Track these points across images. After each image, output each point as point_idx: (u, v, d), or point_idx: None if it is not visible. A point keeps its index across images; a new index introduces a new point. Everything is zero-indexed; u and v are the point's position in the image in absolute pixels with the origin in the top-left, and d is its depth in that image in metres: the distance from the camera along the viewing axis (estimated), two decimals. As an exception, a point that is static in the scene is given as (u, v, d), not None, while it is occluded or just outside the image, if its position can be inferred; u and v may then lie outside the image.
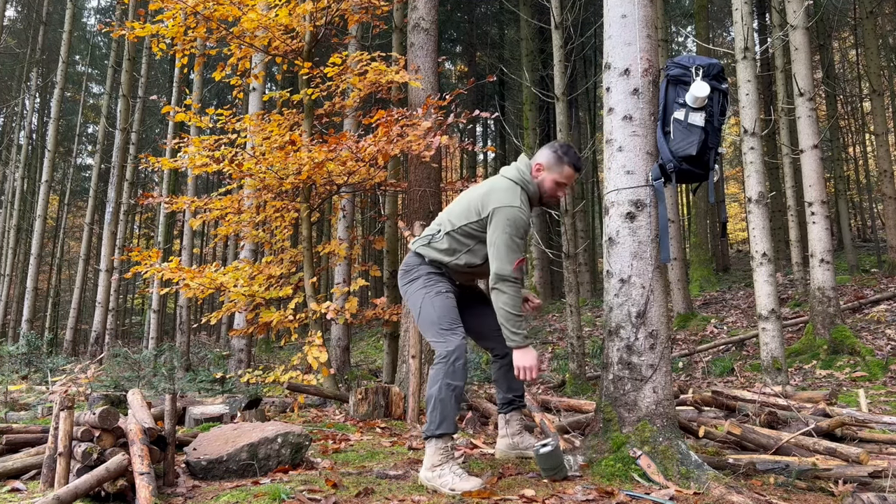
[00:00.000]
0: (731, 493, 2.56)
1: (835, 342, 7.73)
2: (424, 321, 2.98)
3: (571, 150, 3.06)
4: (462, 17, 20.49)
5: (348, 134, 5.99)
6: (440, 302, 2.96)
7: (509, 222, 2.86)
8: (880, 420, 4.20)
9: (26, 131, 19.11)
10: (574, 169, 3.04)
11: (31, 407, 6.13)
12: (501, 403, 3.28)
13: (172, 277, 6.06)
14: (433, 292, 2.99)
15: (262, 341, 17.69)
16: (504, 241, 2.85)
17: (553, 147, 3.06)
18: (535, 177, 3.04)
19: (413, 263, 3.11)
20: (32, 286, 15.70)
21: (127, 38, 7.74)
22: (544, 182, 3.04)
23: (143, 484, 2.47)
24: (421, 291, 3.00)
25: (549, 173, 3.03)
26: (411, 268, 3.10)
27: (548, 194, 3.07)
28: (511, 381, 3.22)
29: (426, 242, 3.08)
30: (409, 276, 3.09)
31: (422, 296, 2.99)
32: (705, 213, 16.28)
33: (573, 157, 3.04)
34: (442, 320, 2.92)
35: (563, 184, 3.08)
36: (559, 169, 3.02)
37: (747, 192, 6.77)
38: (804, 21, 8.34)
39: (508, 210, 2.88)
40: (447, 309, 2.96)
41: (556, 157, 3.02)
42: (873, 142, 15.14)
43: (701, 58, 3.05)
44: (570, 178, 3.07)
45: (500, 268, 2.84)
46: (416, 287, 3.04)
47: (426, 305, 2.97)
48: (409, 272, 3.09)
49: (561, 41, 7.24)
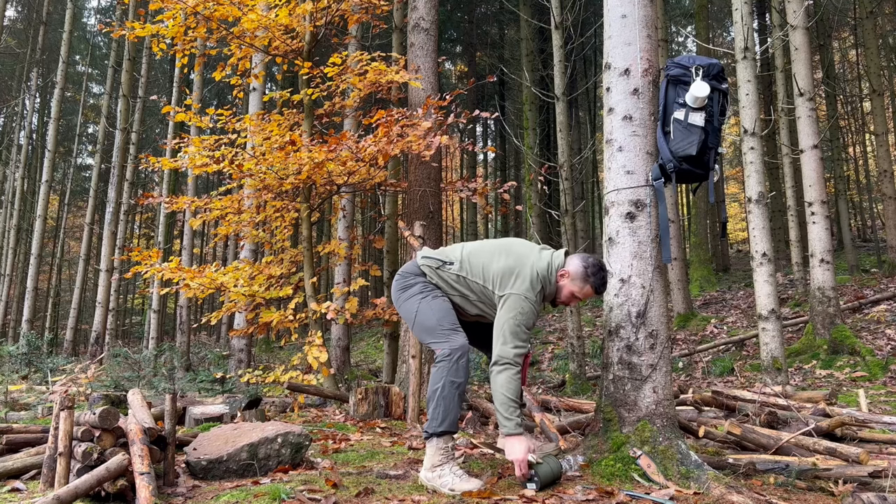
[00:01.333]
0: (731, 493, 2.56)
1: (835, 342, 7.73)
2: (421, 325, 2.94)
3: (601, 272, 2.95)
4: (462, 17, 20.49)
5: (348, 134, 5.99)
6: (438, 305, 2.95)
7: (522, 312, 2.83)
8: (880, 420, 4.20)
9: (26, 131, 19.11)
10: (595, 292, 2.98)
11: (31, 407, 6.13)
12: None
13: (172, 277, 6.06)
14: (430, 297, 2.97)
15: (262, 341, 17.69)
16: (511, 328, 2.81)
17: (586, 263, 2.95)
18: (558, 280, 2.97)
19: (412, 272, 3.07)
20: (32, 286, 15.70)
21: (127, 38, 7.74)
22: (563, 289, 2.97)
23: (144, 484, 2.47)
24: (416, 297, 2.98)
25: (571, 284, 2.95)
26: (408, 276, 3.06)
27: (560, 300, 3.03)
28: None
29: (436, 266, 3.02)
30: (405, 283, 3.05)
31: (418, 301, 2.97)
32: (705, 213, 16.27)
33: (598, 280, 2.94)
34: (442, 322, 2.90)
35: (579, 298, 3.04)
36: (582, 285, 2.95)
37: (747, 192, 6.77)
38: (804, 21, 8.34)
39: (524, 302, 2.84)
40: (446, 311, 2.94)
41: (584, 275, 2.93)
42: (873, 142, 15.14)
43: (701, 58, 3.05)
44: (587, 297, 3.03)
45: (502, 351, 2.80)
46: (411, 293, 3.01)
47: (424, 310, 2.94)
48: (406, 279, 3.06)
49: (561, 41, 7.24)
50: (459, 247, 3.10)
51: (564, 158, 7.82)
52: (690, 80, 2.98)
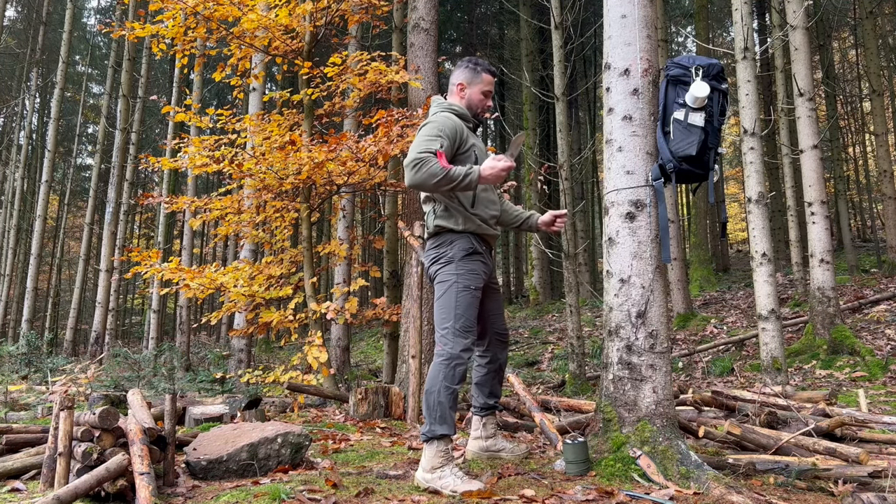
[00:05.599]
0: (731, 493, 2.56)
1: (835, 342, 7.73)
2: (443, 307, 2.92)
3: (481, 59, 3.18)
4: (462, 17, 20.49)
5: (348, 134, 5.99)
6: (465, 300, 2.91)
7: (431, 125, 2.93)
8: (880, 420, 4.20)
9: (26, 131, 19.10)
10: (491, 74, 3.15)
11: (31, 407, 6.13)
12: (481, 407, 3.32)
13: (172, 278, 6.06)
14: (462, 286, 2.92)
15: (262, 341, 17.69)
16: (421, 135, 2.89)
17: (465, 63, 3.15)
18: (460, 97, 3.12)
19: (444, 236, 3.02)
20: (32, 286, 15.70)
21: (127, 39, 7.73)
22: (472, 97, 3.12)
23: (143, 484, 2.47)
24: (452, 276, 2.94)
25: (470, 88, 3.12)
26: (442, 242, 3.01)
27: (478, 106, 3.15)
28: (493, 387, 3.31)
29: (434, 218, 3.04)
30: (441, 250, 3.00)
31: (452, 281, 2.93)
32: (705, 213, 16.28)
33: (486, 65, 3.15)
34: (458, 319, 2.88)
35: (489, 91, 3.18)
36: (477, 79, 3.13)
37: (747, 192, 6.77)
38: (804, 21, 8.34)
39: (430, 121, 2.96)
40: (467, 309, 2.91)
41: (470, 71, 3.13)
42: (873, 142, 15.14)
43: (701, 58, 3.05)
44: (491, 84, 3.17)
45: (409, 157, 2.83)
46: (449, 269, 2.96)
47: (451, 295, 2.90)
48: (441, 245, 3.01)
49: (561, 41, 7.24)
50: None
51: (564, 158, 7.82)
52: (690, 81, 2.97)
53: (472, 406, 3.38)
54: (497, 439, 3.37)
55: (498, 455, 3.31)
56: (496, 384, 3.30)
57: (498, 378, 3.32)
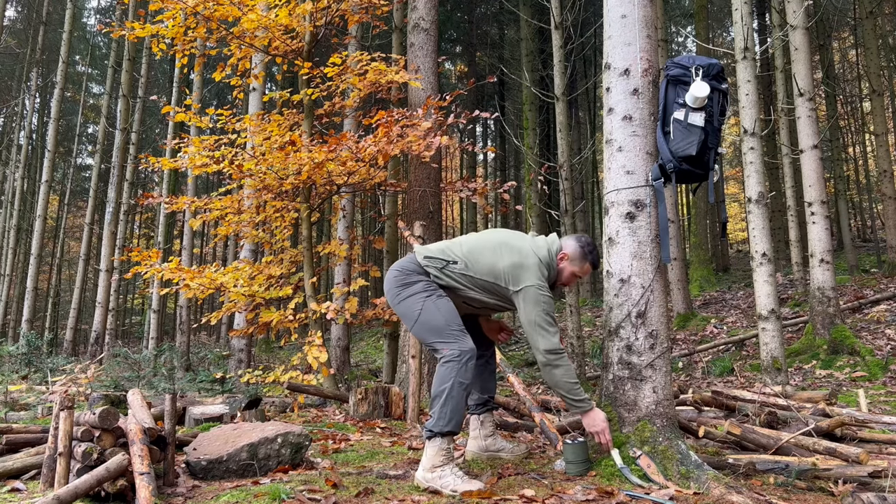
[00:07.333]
0: (731, 493, 2.56)
1: (835, 342, 7.73)
2: (427, 325, 2.91)
3: (595, 249, 3.15)
4: (462, 17, 20.48)
5: (348, 134, 5.99)
6: (444, 305, 2.94)
7: (543, 302, 2.91)
8: (880, 420, 4.20)
9: (26, 131, 19.10)
10: (593, 267, 3.15)
11: (31, 407, 6.12)
12: (476, 404, 3.33)
13: (172, 278, 6.06)
14: (434, 297, 2.96)
15: (262, 341, 17.69)
16: (543, 319, 2.88)
17: (581, 242, 3.10)
18: (558, 263, 3.07)
19: (412, 269, 3.04)
20: (32, 286, 15.70)
21: (127, 39, 7.74)
22: (564, 270, 3.09)
23: (143, 484, 2.47)
24: (420, 296, 2.96)
25: (570, 265, 3.09)
26: (409, 273, 3.03)
27: (562, 282, 3.14)
28: (486, 382, 3.32)
29: (440, 267, 3.01)
30: (405, 280, 3.02)
31: (422, 300, 2.94)
32: (705, 213, 16.28)
33: (595, 257, 3.13)
34: (451, 324, 2.90)
35: (579, 276, 3.17)
36: (581, 264, 3.10)
37: (747, 192, 6.77)
38: (804, 21, 8.34)
39: (538, 293, 2.91)
40: (453, 314, 2.94)
41: (582, 254, 3.09)
42: (873, 142, 15.13)
43: (701, 58, 3.05)
44: (586, 274, 3.18)
45: (546, 344, 2.86)
46: (413, 291, 2.98)
47: (430, 309, 2.92)
48: (407, 276, 3.02)
49: (561, 41, 7.24)
50: (454, 244, 3.11)
51: (564, 158, 7.83)
52: (690, 80, 2.97)
53: (468, 406, 3.38)
54: (496, 438, 3.38)
55: (498, 455, 3.32)
56: (486, 379, 3.31)
57: (488, 372, 3.33)
